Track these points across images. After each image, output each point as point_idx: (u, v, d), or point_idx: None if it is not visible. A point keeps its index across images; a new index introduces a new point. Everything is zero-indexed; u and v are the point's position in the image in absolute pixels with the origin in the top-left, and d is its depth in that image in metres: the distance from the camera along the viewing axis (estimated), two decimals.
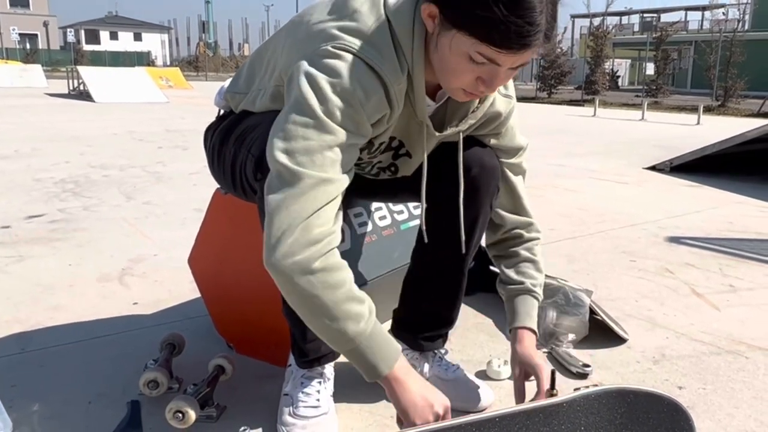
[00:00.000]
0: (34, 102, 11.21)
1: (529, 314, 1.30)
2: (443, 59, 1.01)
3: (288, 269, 0.95)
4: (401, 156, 1.23)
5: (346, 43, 1.00)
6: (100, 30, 60.66)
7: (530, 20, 0.92)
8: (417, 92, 1.07)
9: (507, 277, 1.34)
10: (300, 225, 0.95)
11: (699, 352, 1.64)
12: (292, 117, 0.98)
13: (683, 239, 2.80)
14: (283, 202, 0.95)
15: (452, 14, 0.96)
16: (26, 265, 2.21)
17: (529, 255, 1.34)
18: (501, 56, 0.96)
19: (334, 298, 0.97)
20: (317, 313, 0.98)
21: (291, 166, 0.96)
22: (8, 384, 1.38)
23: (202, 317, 1.70)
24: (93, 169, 4.29)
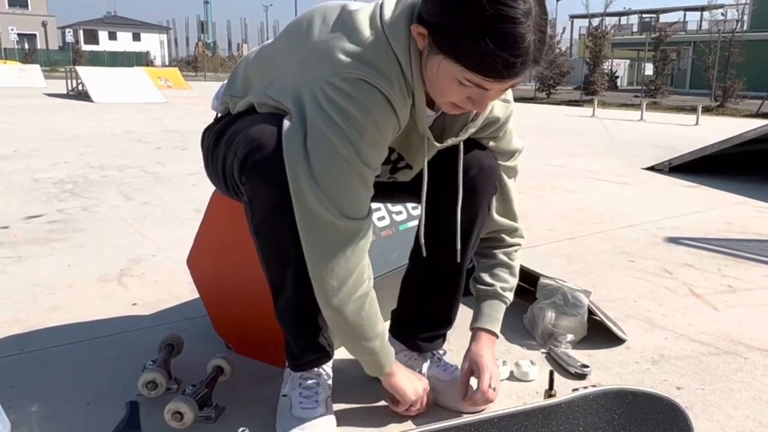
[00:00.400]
0: (33, 102, 11.20)
1: (492, 317, 1.35)
2: (433, 78, 1.02)
3: (349, 310, 1.10)
4: (400, 169, 1.24)
5: (357, 72, 1.00)
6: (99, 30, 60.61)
7: (517, 52, 0.92)
8: (419, 108, 1.08)
9: (480, 278, 1.38)
10: (356, 271, 1.08)
11: (697, 353, 1.64)
12: (326, 161, 1.01)
13: (682, 240, 2.80)
14: (340, 252, 1.05)
15: (440, 40, 0.96)
16: (25, 266, 2.21)
17: (506, 259, 1.37)
18: (488, 83, 0.97)
19: (373, 326, 1.14)
20: (359, 338, 1.14)
21: (340, 219, 1.03)
22: (7, 384, 1.38)
23: (201, 318, 1.70)
24: (92, 169, 4.29)
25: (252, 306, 1.46)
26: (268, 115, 1.11)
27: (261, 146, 1.05)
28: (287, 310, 1.18)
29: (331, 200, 1.01)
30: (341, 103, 0.99)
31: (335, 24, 1.05)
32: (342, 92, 0.99)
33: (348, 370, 1.46)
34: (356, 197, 1.04)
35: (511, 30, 0.90)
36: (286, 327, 1.21)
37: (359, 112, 0.99)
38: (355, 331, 1.12)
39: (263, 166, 1.04)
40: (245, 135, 1.10)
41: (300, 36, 1.08)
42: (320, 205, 1.01)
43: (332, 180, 1.01)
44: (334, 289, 1.07)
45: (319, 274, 1.07)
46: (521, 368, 1.46)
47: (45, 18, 49.15)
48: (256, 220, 1.10)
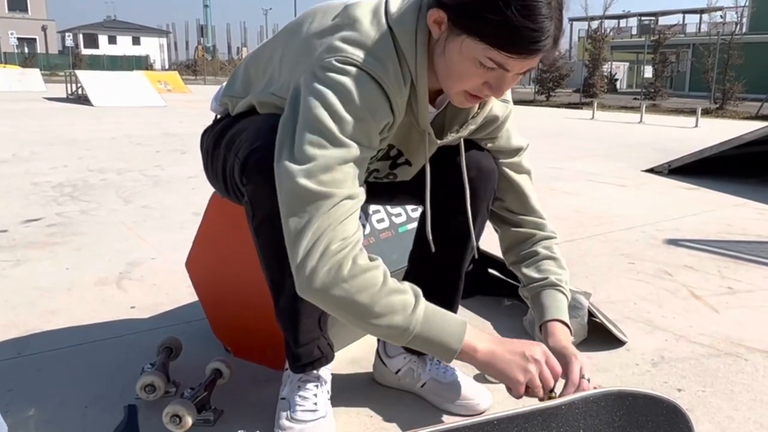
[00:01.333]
0: (33, 106, 11.21)
1: (557, 307, 1.25)
2: (450, 64, 1.01)
3: (319, 285, 0.96)
4: (400, 165, 1.23)
5: (349, 56, 0.99)
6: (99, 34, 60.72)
7: (540, 26, 0.93)
8: (420, 102, 1.08)
9: (528, 277, 1.30)
10: (323, 242, 0.95)
11: (698, 355, 1.64)
12: (306, 137, 0.97)
13: (682, 242, 2.80)
14: (308, 223, 0.96)
15: (462, 20, 0.96)
16: (24, 269, 2.20)
17: (549, 252, 1.32)
18: (511, 61, 0.96)
19: (371, 297, 0.98)
20: (362, 316, 0.98)
21: (314, 188, 0.96)
22: (5, 388, 1.37)
23: (199, 321, 1.69)
24: (91, 173, 4.28)
25: (250, 309, 1.46)
26: (269, 116, 1.10)
27: (262, 147, 1.05)
28: (288, 310, 1.17)
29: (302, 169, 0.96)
30: (328, 81, 0.98)
31: (335, 17, 1.05)
32: (331, 73, 0.98)
33: (347, 373, 1.46)
34: (332, 169, 0.97)
35: (535, 3, 0.92)
36: (287, 328, 1.20)
37: (344, 87, 0.98)
38: (354, 309, 0.98)
39: (264, 166, 1.03)
40: (246, 136, 1.10)
41: (300, 31, 1.09)
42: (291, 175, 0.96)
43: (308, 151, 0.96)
44: (298, 264, 0.96)
45: (290, 251, 0.98)
46: None
47: (45, 22, 49.22)
48: (256, 221, 1.10)
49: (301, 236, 0.96)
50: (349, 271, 0.97)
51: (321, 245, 0.95)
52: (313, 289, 0.97)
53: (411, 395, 1.38)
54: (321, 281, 0.96)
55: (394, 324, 0.99)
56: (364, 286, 0.98)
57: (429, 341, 1.01)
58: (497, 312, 1.89)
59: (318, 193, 0.96)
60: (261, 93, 1.15)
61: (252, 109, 1.19)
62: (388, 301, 0.99)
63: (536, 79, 19.18)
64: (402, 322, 0.99)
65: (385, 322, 0.98)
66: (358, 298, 0.97)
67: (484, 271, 2.02)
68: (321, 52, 1.01)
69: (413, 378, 1.37)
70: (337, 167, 0.97)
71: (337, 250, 0.96)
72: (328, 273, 0.96)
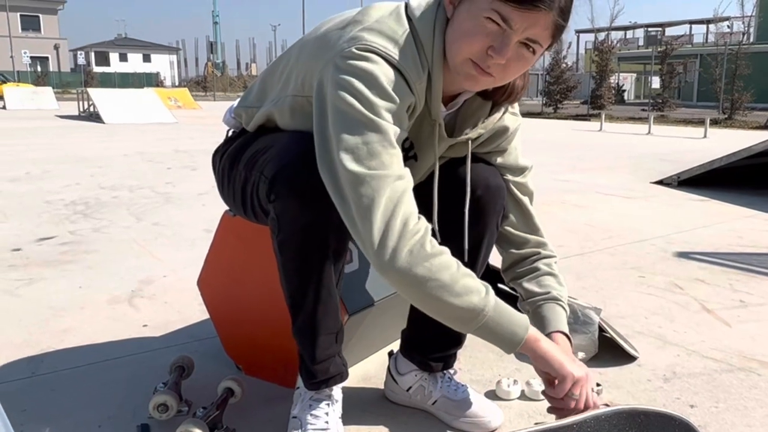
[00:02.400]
0: (45, 124, 11.35)
1: (559, 320, 1.26)
2: (458, 26, 1.03)
3: (405, 264, 0.98)
4: (409, 158, 1.23)
5: (369, 43, 1.01)
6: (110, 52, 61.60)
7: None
8: (435, 90, 1.09)
9: (529, 292, 1.31)
10: (398, 220, 0.98)
11: (711, 370, 1.63)
12: (343, 127, 0.99)
13: (692, 254, 2.79)
14: (372, 204, 0.98)
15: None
16: (37, 288, 2.23)
17: (549, 269, 1.33)
18: (516, 14, 0.97)
19: (453, 275, 1.00)
20: (442, 293, 1.00)
21: (367, 172, 0.98)
22: (19, 408, 1.39)
23: (211, 339, 1.70)
24: (103, 190, 4.33)
25: (262, 327, 1.47)
26: (293, 132, 1.13)
27: (291, 164, 1.06)
28: (306, 327, 1.18)
29: (351, 156, 0.98)
30: (352, 70, 1.00)
31: (354, 14, 1.09)
32: (353, 61, 1.00)
33: (358, 390, 1.46)
34: (377, 153, 0.99)
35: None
36: (304, 344, 1.20)
37: (368, 74, 1.00)
38: (433, 289, 0.99)
39: (294, 183, 1.05)
40: (272, 154, 1.11)
41: (318, 32, 1.12)
42: (342, 164, 0.98)
43: (350, 139, 0.99)
44: (379, 246, 0.97)
45: (362, 235, 0.98)
46: (532, 387, 1.45)
47: (57, 41, 49.96)
48: (281, 236, 1.11)
49: (369, 217, 0.97)
50: (431, 249, 1.00)
51: (396, 223, 0.98)
52: (396, 268, 0.98)
53: (422, 413, 1.38)
54: (405, 260, 0.98)
55: (471, 304, 1.01)
56: (444, 265, 1.00)
57: (499, 326, 1.04)
58: None
59: (372, 176, 0.98)
60: (277, 98, 1.17)
61: (268, 122, 1.21)
62: (466, 282, 1.01)
63: (543, 92, 19.22)
64: (479, 303, 1.01)
65: (463, 302, 1.00)
66: (440, 276, 0.99)
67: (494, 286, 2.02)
68: (340, 44, 1.03)
69: (424, 395, 1.37)
70: (381, 150, 0.99)
71: (414, 229, 0.99)
72: (410, 252, 0.98)
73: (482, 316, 1.02)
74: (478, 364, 1.64)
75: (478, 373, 1.59)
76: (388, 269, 0.99)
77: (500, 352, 1.71)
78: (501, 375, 1.54)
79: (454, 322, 1.04)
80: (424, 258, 0.99)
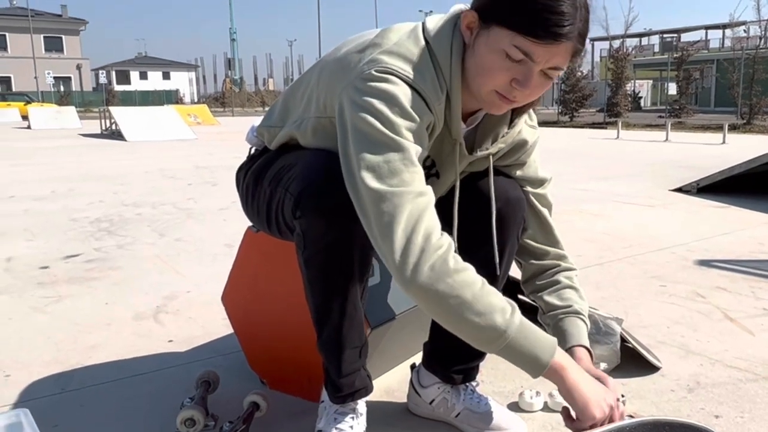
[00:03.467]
0: (69, 143, 11.56)
1: (581, 334, 1.27)
2: (480, 60, 1.04)
3: (427, 279, 0.98)
4: (430, 176, 1.25)
5: (388, 65, 1.04)
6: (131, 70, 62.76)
7: (566, 10, 0.97)
8: (454, 110, 1.11)
9: (550, 305, 1.32)
10: (420, 235, 0.99)
11: (735, 379, 1.62)
12: (364, 147, 1.01)
13: (713, 262, 2.76)
14: (393, 221, 0.99)
15: (490, 10, 1.01)
16: (64, 305, 2.27)
17: (570, 282, 1.34)
18: (537, 48, 0.99)
19: (476, 293, 1.00)
20: (464, 311, 0.99)
21: (389, 189, 1.00)
22: (50, 424, 1.42)
23: (235, 353, 1.73)
24: (126, 207, 4.41)
25: (286, 341, 1.49)
26: (318, 150, 1.15)
27: (316, 181, 1.09)
28: (331, 341, 1.19)
29: (374, 176, 1.00)
30: (372, 92, 1.02)
31: (372, 37, 1.11)
32: (373, 83, 1.03)
33: (382, 404, 1.47)
34: (399, 172, 1.01)
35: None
36: (329, 358, 1.22)
37: (391, 96, 1.02)
38: (455, 307, 0.99)
39: (320, 200, 1.07)
40: (297, 171, 1.13)
41: (337, 54, 1.14)
42: (365, 183, 1.00)
43: (373, 159, 1.00)
44: (400, 262, 0.98)
45: (384, 251, 1.00)
46: (555, 399, 1.45)
47: (79, 61, 51.01)
48: (308, 252, 1.12)
49: (390, 234, 0.99)
50: (454, 265, 1.00)
51: (418, 239, 0.98)
52: (418, 284, 0.98)
53: (446, 425, 1.39)
54: (426, 275, 0.98)
55: (493, 324, 1.00)
56: (468, 282, 1.00)
57: (522, 349, 1.02)
58: None
59: (393, 192, 1.00)
60: (300, 119, 1.19)
61: (290, 141, 1.23)
62: (489, 300, 1.00)
63: (559, 100, 19.14)
64: (501, 323, 1.00)
65: (485, 321, 0.99)
66: (463, 294, 0.99)
67: (514, 297, 2.02)
68: (360, 66, 1.06)
69: (447, 408, 1.38)
70: (402, 168, 1.01)
71: (437, 244, 1.00)
72: (433, 268, 0.98)
73: (505, 337, 1.01)
74: (500, 376, 1.65)
75: (501, 385, 1.60)
76: (410, 285, 0.99)
77: None
78: (523, 387, 1.54)
79: (476, 341, 1.03)
80: (447, 274, 0.99)
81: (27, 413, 0.98)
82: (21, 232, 3.56)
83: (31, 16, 43.69)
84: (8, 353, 1.83)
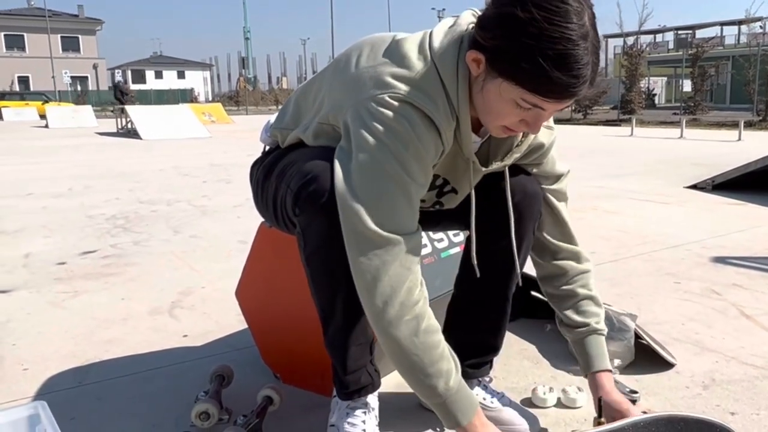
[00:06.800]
0: (86, 141, 11.69)
1: (602, 355, 1.33)
2: (488, 102, 1.04)
3: (399, 333, 1.04)
4: (446, 193, 1.26)
5: (401, 93, 1.03)
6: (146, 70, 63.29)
7: (576, 74, 0.95)
8: (464, 133, 1.11)
9: (570, 320, 1.35)
10: (403, 289, 1.04)
11: (751, 376, 1.60)
12: (371, 177, 1.02)
13: (729, 259, 2.74)
14: (382, 268, 1.03)
15: (499, 64, 0.99)
16: (82, 300, 2.31)
17: (587, 291, 1.36)
18: (546, 104, 0.99)
19: (432, 357, 1.07)
20: (415, 370, 1.07)
21: (386, 235, 1.02)
22: (68, 417, 1.44)
23: (249, 348, 1.74)
24: (142, 204, 4.45)
25: (299, 336, 1.50)
26: (320, 148, 1.15)
27: (315, 179, 1.08)
28: (336, 338, 1.21)
29: (371, 213, 1.01)
30: (385, 120, 1.02)
31: (384, 52, 1.09)
32: (386, 110, 1.02)
33: (395, 399, 1.48)
34: (399, 211, 1.03)
35: (571, 51, 0.93)
36: (335, 356, 1.23)
37: (402, 128, 1.02)
38: (411, 362, 1.06)
39: (317, 198, 1.07)
40: (299, 168, 1.14)
41: (349, 64, 1.12)
42: (361, 219, 1.01)
43: (374, 193, 1.02)
44: (379, 309, 1.04)
45: (366, 293, 1.05)
46: (569, 395, 1.45)
47: (96, 60, 51.50)
48: (308, 250, 1.14)
49: (377, 280, 1.03)
50: (425, 327, 1.06)
51: (401, 292, 1.03)
52: (392, 336, 1.05)
53: None
54: (401, 329, 1.04)
55: (434, 387, 1.08)
56: (430, 346, 1.06)
57: (447, 410, 1.10)
58: (542, 335, 1.88)
59: (389, 240, 1.02)
60: (309, 125, 1.19)
61: (302, 141, 1.24)
62: (440, 366, 1.07)
63: None
64: (442, 390, 1.08)
65: (429, 382, 1.07)
66: (422, 355, 1.06)
67: (527, 293, 2.02)
68: (372, 87, 1.05)
69: None
70: (401, 208, 1.03)
71: (416, 299, 1.05)
72: (408, 323, 1.04)
73: (438, 399, 1.09)
74: (514, 372, 1.65)
75: (514, 381, 1.60)
76: (385, 335, 1.06)
77: (536, 359, 1.73)
78: (537, 382, 1.54)
79: (416, 391, 1.11)
80: (416, 334, 1.05)
81: (45, 406, 1.00)
82: (39, 229, 3.61)
83: (48, 17, 44.10)
84: (27, 347, 1.86)
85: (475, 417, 1.11)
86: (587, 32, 0.95)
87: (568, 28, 0.93)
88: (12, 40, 48.69)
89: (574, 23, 0.93)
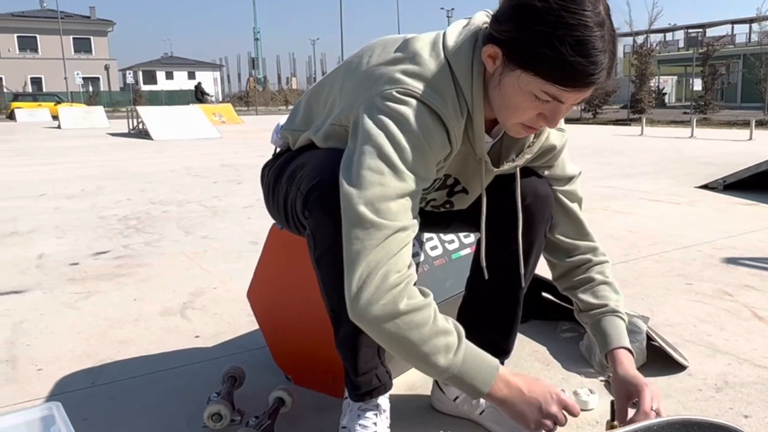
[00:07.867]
0: (98, 142, 11.76)
1: (620, 334, 1.28)
2: (506, 97, 1.04)
3: (373, 317, 0.99)
4: (457, 193, 1.26)
5: (410, 88, 1.03)
6: (157, 70, 63.67)
7: (595, 60, 0.96)
8: (476, 131, 1.11)
9: (587, 303, 1.32)
10: (379, 273, 0.99)
11: (764, 379, 1.59)
12: (366, 163, 1.01)
13: (741, 260, 2.71)
14: (362, 252, 0.99)
15: (518, 56, 0.99)
16: (94, 301, 2.32)
17: (603, 278, 1.34)
18: (566, 94, 0.99)
19: (421, 336, 1.01)
20: (408, 352, 1.02)
21: (370, 217, 0.99)
22: (81, 417, 1.45)
23: (260, 349, 1.75)
24: (153, 205, 4.48)
25: (311, 337, 1.51)
26: (330, 150, 1.15)
27: (324, 181, 1.09)
28: (347, 340, 1.21)
29: (361, 195, 1.00)
30: (391, 113, 1.02)
31: (396, 50, 1.10)
32: (394, 104, 1.03)
33: (406, 400, 1.48)
34: (391, 199, 1.01)
35: (588, 37, 0.95)
36: (346, 357, 1.23)
37: (407, 120, 1.02)
38: (402, 346, 1.01)
39: (326, 200, 1.07)
40: (308, 171, 1.14)
41: (361, 64, 1.13)
42: (351, 200, 1.00)
43: (368, 177, 1.00)
44: (353, 295, 0.99)
45: (346, 279, 1.01)
46: (580, 397, 1.45)
47: (107, 61, 51.88)
48: (318, 253, 1.14)
49: (355, 264, 1.00)
50: (404, 307, 1.00)
51: (377, 276, 0.98)
52: (366, 320, 1.00)
53: (470, 422, 1.39)
54: (375, 313, 0.99)
55: (437, 364, 1.03)
56: (416, 324, 1.01)
57: (462, 382, 1.05)
58: (552, 338, 1.88)
59: (373, 222, 0.99)
60: (321, 126, 1.19)
61: (312, 143, 1.24)
62: (435, 342, 1.02)
63: None
64: (444, 363, 1.03)
65: (429, 360, 1.02)
66: (409, 336, 1.00)
67: (539, 294, 2.01)
68: (382, 83, 1.05)
69: (471, 405, 1.38)
70: (394, 198, 1.01)
71: (394, 283, 0.99)
72: (384, 307, 0.99)
73: (446, 373, 1.04)
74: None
75: None
76: (358, 318, 1.01)
77: (547, 361, 1.73)
78: None
79: (423, 372, 1.06)
80: (395, 315, 0.99)
81: (59, 406, 1.01)
82: (51, 230, 3.64)
83: (60, 18, 44.49)
84: (40, 348, 1.88)
85: (496, 380, 1.06)
86: (603, 20, 0.97)
87: (584, 15, 0.95)
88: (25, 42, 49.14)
89: (589, 11, 0.95)
